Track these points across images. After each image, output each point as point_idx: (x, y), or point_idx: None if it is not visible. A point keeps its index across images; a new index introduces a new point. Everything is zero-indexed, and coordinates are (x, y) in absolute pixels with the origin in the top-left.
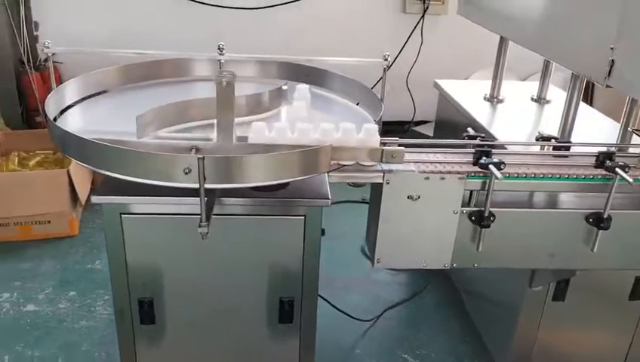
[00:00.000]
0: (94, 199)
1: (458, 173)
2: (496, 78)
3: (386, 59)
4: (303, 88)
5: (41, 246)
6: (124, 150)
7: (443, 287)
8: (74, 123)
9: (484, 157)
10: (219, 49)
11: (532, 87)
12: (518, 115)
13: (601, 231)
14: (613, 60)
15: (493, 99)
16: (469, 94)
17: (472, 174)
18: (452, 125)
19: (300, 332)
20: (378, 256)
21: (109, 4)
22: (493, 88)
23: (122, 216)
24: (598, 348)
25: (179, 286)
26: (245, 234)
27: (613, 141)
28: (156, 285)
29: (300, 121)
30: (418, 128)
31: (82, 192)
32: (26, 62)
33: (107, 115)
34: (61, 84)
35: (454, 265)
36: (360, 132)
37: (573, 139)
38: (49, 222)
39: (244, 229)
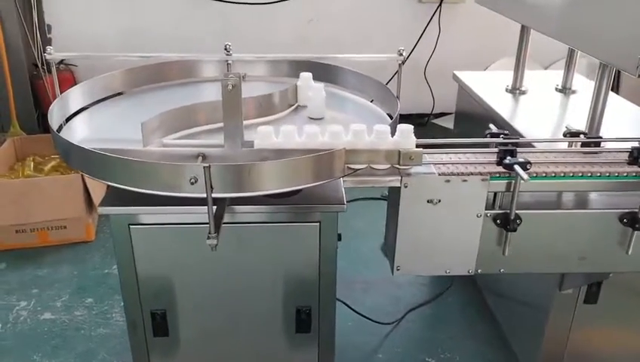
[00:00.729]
0: (101, 210)
1: (481, 174)
2: (518, 69)
3: (401, 54)
4: (317, 87)
5: (57, 252)
6: (127, 160)
7: (467, 287)
8: (80, 131)
9: (509, 157)
10: (226, 49)
11: (556, 76)
12: (542, 107)
13: (636, 232)
14: None
15: (516, 90)
16: (489, 86)
17: (496, 175)
18: (473, 118)
19: (318, 342)
20: (398, 264)
21: (120, 5)
22: (515, 79)
23: (130, 226)
24: (633, 353)
25: (192, 298)
26: (258, 242)
27: None
28: (168, 296)
29: (311, 122)
30: (437, 121)
31: (98, 197)
32: (39, 66)
33: (115, 121)
34: (70, 88)
35: (479, 270)
36: (371, 133)
37: (602, 133)
38: (65, 227)
39: (257, 237)
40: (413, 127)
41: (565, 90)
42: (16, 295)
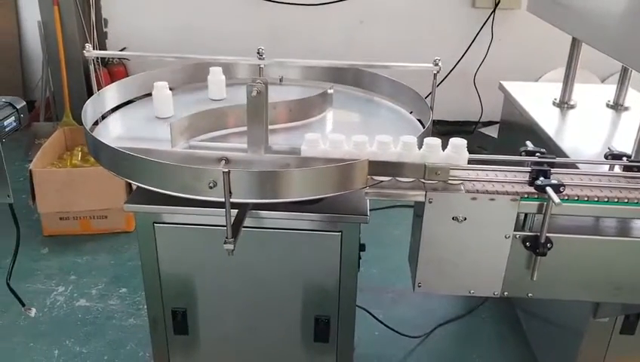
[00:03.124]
0: (127, 207)
1: (509, 193)
2: (567, 82)
3: (436, 64)
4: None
5: (98, 240)
6: (148, 161)
7: (502, 304)
8: (115, 128)
9: (542, 178)
10: (258, 53)
11: (609, 90)
12: (590, 123)
13: None
14: None
15: (564, 104)
16: (536, 98)
17: (528, 195)
18: (517, 131)
19: (336, 352)
20: (419, 281)
21: (174, 2)
22: (563, 92)
23: (155, 225)
24: None
25: (212, 299)
26: (279, 248)
27: None
28: (189, 296)
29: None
30: (484, 130)
31: None
32: (94, 61)
33: (149, 120)
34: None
35: (505, 293)
36: (398, 145)
37: None
38: (106, 217)
39: (278, 243)
40: (466, 141)
41: (617, 106)
42: (55, 280)
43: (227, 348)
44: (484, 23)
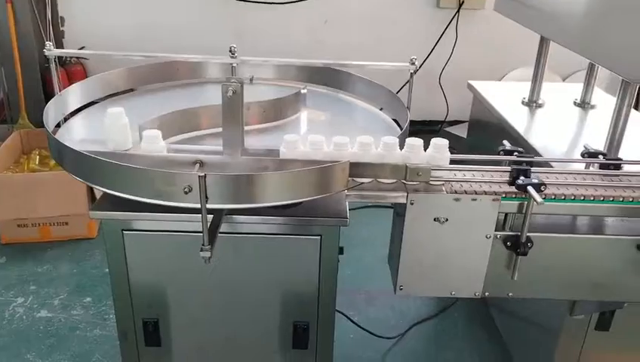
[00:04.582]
0: (92, 215)
1: (492, 193)
2: (536, 81)
3: (413, 63)
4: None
5: (59, 248)
6: (118, 166)
7: (474, 302)
8: (79, 131)
9: (522, 177)
10: (230, 52)
11: (574, 89)
12: (559, 122)
13: None
14: None
15: (532, 103)
16: (505, 98)
17: (509, 195)
18: (487, 129)
19: (315, 359)
20: (401, 284)
21: None
22: (532, 91)
23: (124, 232)
24: None
25: (185, 308)
26: (256, 254)
27: None
28: (161, 305)
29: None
30: (451, 129)
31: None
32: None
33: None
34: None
35: (486, 293)
36: (379, 146)
37: (622, 154)
38: (67, 223)
39: (255, 249)
40: (447, 141)
41: (584, 104)
42: (14, 291)
43: (202, 358)
44: (449, 23)
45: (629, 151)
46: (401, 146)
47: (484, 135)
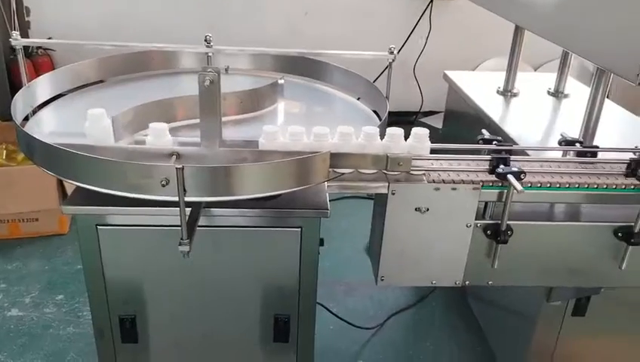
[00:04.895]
0: (65, 210)
1: (472, 182)
2: (511, 70)
3: (392, 52)
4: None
5: (29, 245)
6: (92, 159)
7: (451, 291)
8: (49, 123)
9: (502, 166)
10: (206, 41)
11: (548, 78)
12: (534, 111)
13: (631, 246)
14: None
15: (507, 92)
16: (480, 87)
17: (488, 184)
18: (462, 119)
19: (296, 352)
20: (382, 274)
21: None
22: (507, 81)
23: (98, 227)
24: None
25: (163, 303)
26: (235, 247)
27: None
28: (138, 301)
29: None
30: (426, 119)
31: (72, 189)
32: (18, 51)
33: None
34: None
35: (467, 282)
36: (359, 136)
37: (597, 141)
38: (37, 219)
39: (234, 242)
40: (428, 131)
41: (558, 93)
42: None
43: (180, 354)
44: (422, 14)
45: (602, 140)
46: (382, 136)
47: (460, 125)
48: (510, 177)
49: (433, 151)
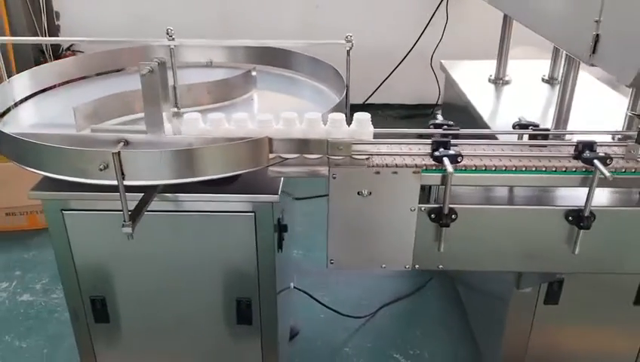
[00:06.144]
0: (31, 195)
1: (412, 166)
2: (501, 58)
3: (349, 41)
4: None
5: (45, 235)
6: (36, 145)
7: (447, 281)
8: (29, 116)
9: (441, 149)
10: (167, 34)
11: (544, 65)
12: (523, 97)
13: (582, 230)
14: (598, 35)
15: (499, 80)
16: (473, 76)
17: (431, 167)
18: (456, 109)
19: (260, 334)
20: (331, 257)
21: None
22: (498, 68)
23: (64, 212)
24: (596, 354)
25: (129, 285)
26: (194, 231)
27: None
28: (107, 283)
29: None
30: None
31: None
32: (45, 52)
33: (67, 107)
34: None
35: (416, 266)
36: (302, 122)
37: (575, 124)
38: None
39: (192, 226)
40: (369, 115)
41: (552, 80)
42: None
43: (150, 333)
44: (439, 5)
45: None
46: (349, 123)
47: (455, 115)
48: (445, 160)
49: (377, 136)
